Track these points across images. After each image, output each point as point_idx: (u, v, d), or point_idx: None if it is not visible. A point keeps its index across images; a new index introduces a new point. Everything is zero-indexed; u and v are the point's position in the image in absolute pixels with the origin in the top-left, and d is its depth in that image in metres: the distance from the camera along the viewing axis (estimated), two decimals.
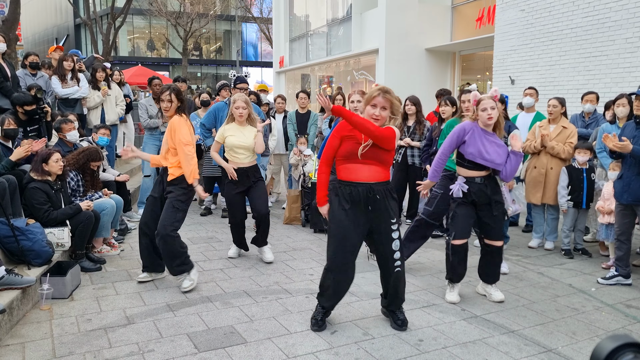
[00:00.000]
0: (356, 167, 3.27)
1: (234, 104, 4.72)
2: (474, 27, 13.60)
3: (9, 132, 4.74)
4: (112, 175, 5.85)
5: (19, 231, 3.90)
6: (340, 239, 3.30)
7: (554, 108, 5.48)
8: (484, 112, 3.71)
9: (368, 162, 3.26)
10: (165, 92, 4.06)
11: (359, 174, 3.27)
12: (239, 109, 4.69)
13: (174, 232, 4.01)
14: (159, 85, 7.24)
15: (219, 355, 3.07)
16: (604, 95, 7.63)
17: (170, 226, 3.98)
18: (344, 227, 3.28)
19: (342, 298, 3.52)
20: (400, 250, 3.39)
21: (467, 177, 3.87)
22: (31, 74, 6.84)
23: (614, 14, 8.28)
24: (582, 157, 5.22)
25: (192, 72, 37.38)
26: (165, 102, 4.04)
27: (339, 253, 3.31)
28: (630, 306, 4.03)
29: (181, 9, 30.97)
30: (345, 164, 3.30)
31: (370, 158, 3.25)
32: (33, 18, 43.04)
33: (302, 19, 21.22)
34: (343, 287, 3.44)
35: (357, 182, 3.26)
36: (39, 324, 3.46)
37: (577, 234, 5.42)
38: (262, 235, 4.94)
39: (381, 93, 3.23)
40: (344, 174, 3.31)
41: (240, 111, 4.69)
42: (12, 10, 13.27)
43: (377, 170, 3.28)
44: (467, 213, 3.91)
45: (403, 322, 3.50)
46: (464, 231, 3.96)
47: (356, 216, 3.29)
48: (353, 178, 3.27)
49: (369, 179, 3.26)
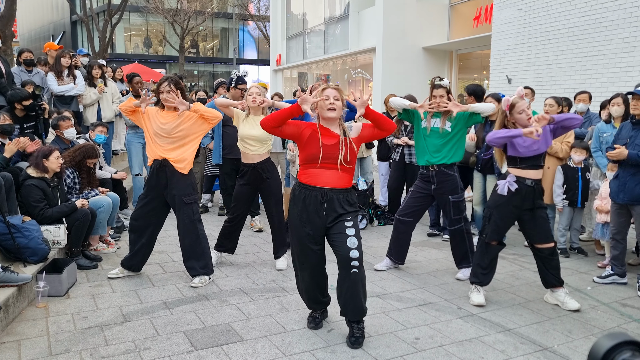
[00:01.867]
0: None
1: (247, 92, 4.52)
2: (471, 26, 13.60)
3: (4, 127, 4.72)
4: (109, 172, 5.83)
5: (15, 228, 3.89)
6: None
7: (550, 107, 5.49)
8: (522, 114, 3.74)
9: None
10: (163, 83, 4.05)
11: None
12: (253, 94, 4.42)
13: (201, 223, 4.23)
14: (139, 82, 7.25)
15: (216, 353, 3.07)
16: (601, 94, 7.65)
17: (198, 220, 4.20)
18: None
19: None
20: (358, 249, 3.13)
21: (518, 177, 3.81)
22: (27, 71, 6.81)
23: (611, 14, 8.30)
24: (579, 156, 5.23)
25: (189, 70, 37.28)
26: (164, 94, 4.02)
27: None
28: (626, 305, 4.05)
29: (178, 6, 30.88)
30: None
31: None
32: (29, 15, 42.83)
33: (299, 17, 21.18)
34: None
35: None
36: (35, 321, 3.45)
37: (572, 233, 5.44)
38: (280, 242, 4.72)
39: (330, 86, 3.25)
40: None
41: (254, 96, 4.40)
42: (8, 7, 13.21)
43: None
44: (507, 214, 3.85)
45: (357, 340, 3.16)
46: (501, 233, 3.92)
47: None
48: None
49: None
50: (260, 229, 6.10)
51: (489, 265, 3.99)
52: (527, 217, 3.88)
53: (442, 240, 5.83)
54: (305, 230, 3.21)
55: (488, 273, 4.01)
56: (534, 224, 3.88)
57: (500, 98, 5.49)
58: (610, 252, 4.67)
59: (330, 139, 3.16)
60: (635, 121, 4.37)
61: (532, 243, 3.99)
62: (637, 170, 4.25)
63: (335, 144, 3.15)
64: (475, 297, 3.97)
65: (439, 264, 4.95)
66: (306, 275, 3.35)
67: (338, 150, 3.13)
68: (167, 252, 5.11)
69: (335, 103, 3.14)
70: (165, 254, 5.05)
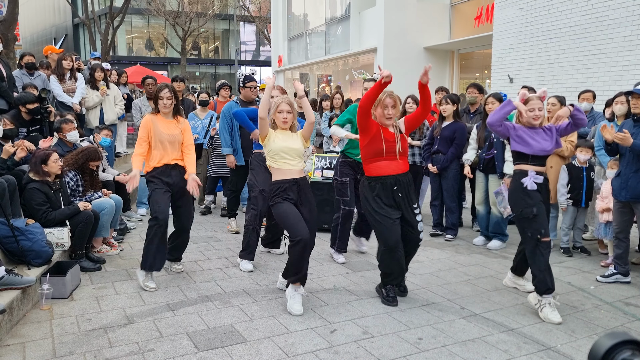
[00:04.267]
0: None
1: (276, 108, 3.89)
2: (472, 25, 13.61)
3: (7, 132, 4.73)
4: (112, 175, 5.85)
5: (19, 231, 3.90)
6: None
7: (552, 106, 5.48)
8: (531, 112, 3.77)
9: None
10: (164, 89, 4.28)
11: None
12: (283, 113, 3.86)
13: None
14: (152, 84, 7.23)
15: (219, 355, 3.07)
16: (603, 93, 7.64)
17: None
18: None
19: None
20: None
21: (537, 172, 3.80)
22: (28, 74, 6.83)
23: (613, 12, 8.29)
24: (584, 155, 5.22)
25: (191, 72, 37.34)
26: (164, 99, 4.24)
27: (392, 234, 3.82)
28: (629, 304, 4.04)
29: (180, 8, 30.94)
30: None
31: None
32: (31, 18, 42.99)
33: (300, 17, 21.21)
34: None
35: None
36: (39, 323, 3.46)
37: (576, 232, 5.43)
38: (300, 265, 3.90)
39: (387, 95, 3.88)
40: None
41: (285, 116, 3.86)
42: (10, 10, 13.26)
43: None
44: (542, 208, 3.78)
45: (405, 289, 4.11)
46: (547, 227, 3.79)
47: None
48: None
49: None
50: (237, 231, 5.97)
51: (548, 265, 3.75)
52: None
53: (445, 240, 5.83)
54: (386, 210, 3.81)
55: (550, 274, 3.74)
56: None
57: (502, 98, 5.50)
58: (614, 251, 4.66)
59: (389, 135, 3.89)
60: (636, 119, 4.37)
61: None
62: (639, 167, 4.24)
63: (392, 140, 3.87)
64: (552, 314, 3.65)
65: (442, 264, 4.95)
66: (393, 248, 3.80)
67: (395, 143, 3.87)
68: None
69: (392, 114, 3.89)
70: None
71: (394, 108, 3.88)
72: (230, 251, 5.28)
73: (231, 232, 6.02)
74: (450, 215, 5.92)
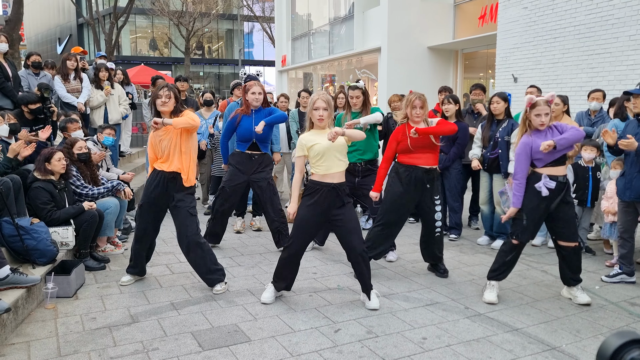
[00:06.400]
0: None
1: (312, 105, 3.72)
2: (476, 25, 13.57)
3: (11, 127, 4.72)
4: (116, 174, 5.86)
5: (24, 230, 3.92)
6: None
7: (556, 106, 5.46)
8: (537, 118, 3.75)
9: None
10: (163, 88, 3.96)
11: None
12: (319, 110, 3.69)
13: (202, 238, 4.15)
14: None
15: (223, 354, 3.08)
16: (608, 92, 7.60)
17: (197, 234, 4.09)
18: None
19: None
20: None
21: (550, 176, 3.80)
22: (34, 74, 6.85)
23: (617, 11, 8.25)
24: (589, 154, 5.20)
25: (195, 72, 37.41)
26: (163, 97, 3.91)
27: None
28: (634, 304, 4.02)
29: (183, 8, 31.00)
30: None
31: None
32: (36, 18, 43.16)
33: (304, 17, 21.21)
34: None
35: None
36: (44, 322, 3.47)
37: (581, 232, 5.39)
38: (364, 279, 3.83)
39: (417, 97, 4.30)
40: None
41: (321, 113, 3.68)
42: (15, 11, 13.32)
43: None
44: (539, 216, 3.85)
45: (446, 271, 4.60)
46: (533, 234, 3.96)
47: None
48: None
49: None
50: (239, 231, 6.01)
51: (511, 262, 4.01)
52: (555, 213, 3.86)
53: (449, 240, 5.82)
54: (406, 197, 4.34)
55: (507, 270, 4.04)
56: (561, 220, 3.86)
57: (506, 97, 5.48)
58: (618, 250, 4.64)
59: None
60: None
61: (555, 239, 3.98)
62: None
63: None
64: (489, 294, 4.00)
65: (446, 264, 4.93)
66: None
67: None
68: (174, 253, 5.12)
69: (420, 114, 4.31)
70: (172, 255, 5.07)
71: (422, 109, 4.28)
72: (234, 250, 5.29)
73: (253, 229, 6.14)
74: (453, 215, 5.90)
